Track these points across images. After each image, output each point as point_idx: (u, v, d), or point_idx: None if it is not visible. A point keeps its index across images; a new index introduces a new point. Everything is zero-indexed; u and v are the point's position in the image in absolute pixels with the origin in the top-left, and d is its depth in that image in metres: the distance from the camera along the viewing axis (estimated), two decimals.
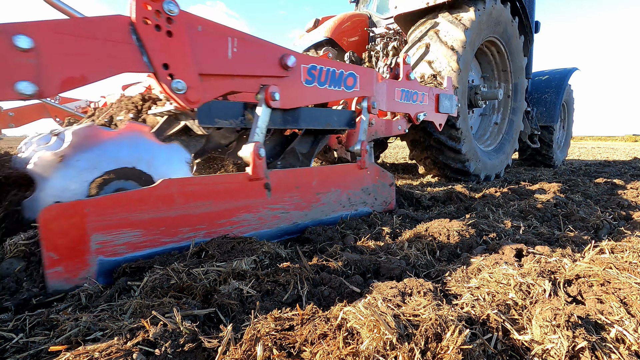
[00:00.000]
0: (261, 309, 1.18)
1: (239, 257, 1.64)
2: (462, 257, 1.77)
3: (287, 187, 1.98)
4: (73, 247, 1.32)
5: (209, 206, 1.67)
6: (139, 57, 1.49)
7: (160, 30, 1.51)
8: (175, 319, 1.04)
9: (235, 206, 1.76)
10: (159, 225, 1.54)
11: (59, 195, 1.60)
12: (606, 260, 1.46)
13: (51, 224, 1.28)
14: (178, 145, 1.93)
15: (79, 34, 1.32)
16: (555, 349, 0.96)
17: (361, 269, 1.60)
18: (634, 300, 1.18)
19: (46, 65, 1.26)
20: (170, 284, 1.31)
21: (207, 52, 1.68)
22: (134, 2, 1.44)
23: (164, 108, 1.89)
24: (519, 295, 1.23)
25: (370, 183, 2.49)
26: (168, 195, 1.54)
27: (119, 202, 1.43)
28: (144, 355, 0.92)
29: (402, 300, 1.18)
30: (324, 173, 2.18)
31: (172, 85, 1.57)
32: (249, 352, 0.93)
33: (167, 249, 1.58)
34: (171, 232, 1.59)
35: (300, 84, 2.08)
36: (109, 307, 1.22)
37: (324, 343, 0.95)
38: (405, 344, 0.90)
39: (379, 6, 5.72)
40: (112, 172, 1.71)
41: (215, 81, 1.74)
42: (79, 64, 1.34)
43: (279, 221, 1.96)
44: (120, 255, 1.46)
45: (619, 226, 2.41)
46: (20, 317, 1.17)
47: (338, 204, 2.29)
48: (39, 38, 1.23)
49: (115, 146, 1.73)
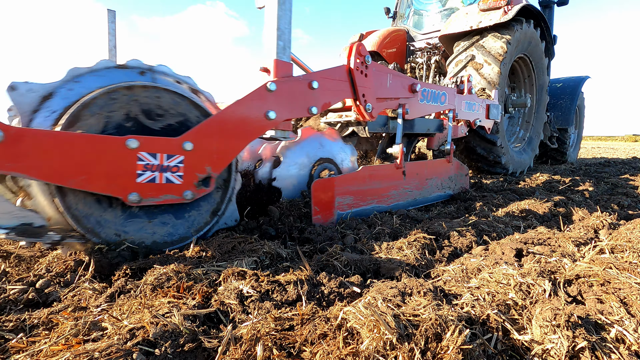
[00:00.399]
0: (261, 309, 1.18)
1: (240, 257, 1.64)
2: (462, 257, 1.77)
3: (412, 174, 2.87)
4: (326, 204, 2.23)
5: (379, 184, 2.59)
6: (351, 89, 2.40)
7: (362, 74, 2.43)
8: (175, 319, 1.04)
9: (389, 185, 2.68)
10: (359, 194, 2.44)
11: (295, 168, 2.60)
12: (606, 260, 1.46)
13: (317, 191, 2.16)
14: (352, 145, 3.02)
15: (329, 78, 2.28)
16: (555, 349, 0.96)
17: (361, 269, 1.60)
18: (634, 300, 1.18)
19: (320, 97, 2.22)
20: (171, 284, 1.31)
21: (379, 84, 2.61)
22: (352, 57, 2.35)
23: (342, 119, 2.78)
24: (519, 295, 1.23)
25: (454, 173, 3.35)
26: (363, 176, 2.46)
27: (345, 180, 2.34)
28: (144, 355, 0.92)
29: (402, 300, 1.18)
30: (430, 165, 3.07)
31: (365, 106, 2.47)
32: (249, 352, 0.93)
33: (360, 210, 2.45)
34: (364, 199, 2.48)
35: (418, 102, 3.00)
36: (109, 307, 1.22)
37: (324, 343, 0.95)
38: (405, 344, 0.90)
39: (415, 23, 6.56)
40: (321, 159, 2.78)
41: (381, 102, 2.68)
42: (330, 94, 2.29)
43: (407, 197, 2.84)
44: (344, 211, 2.33)
45: (619, 226, 2.41)
46: (21, 317, 1.18)
47: (436, 187, 3.15)
48: (319, 82, 2.18)
49: (323, 143, 2.81)
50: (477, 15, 4.88)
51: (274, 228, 2.10)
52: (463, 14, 5.09)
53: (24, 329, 1.13)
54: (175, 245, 1.77)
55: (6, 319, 1.16)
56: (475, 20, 4.83)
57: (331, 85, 2.28)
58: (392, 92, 2.73)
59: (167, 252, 1.67)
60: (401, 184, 2.75)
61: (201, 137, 1.72)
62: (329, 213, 2.23)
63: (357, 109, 2.48)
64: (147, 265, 1.54)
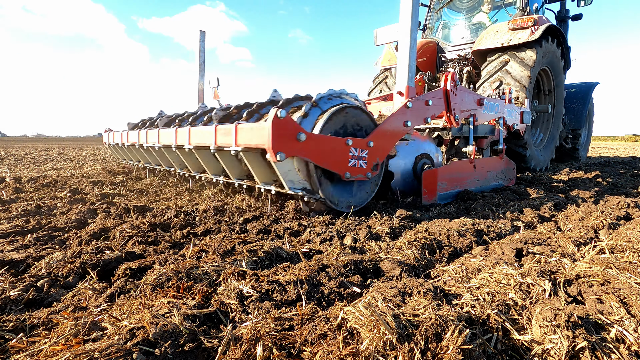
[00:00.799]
0: (261, 309, 1.18)
1: (240, 257, 1.64)
2: (462, 257, 1.77)
3: (479, 167, 3.70)
4: (432, 187, 3.11)
5: (460, 174, 3.48)
6: (445, 105, 3.30)
7: (453, 94, 3.33)
8: (175, 319, 1.04)
9: (466, 175, 3.55)
10: (450, 181, 3.31)
11: (403, 160, 3.42)
12: (606, 260, 1.46)
13: (426, 178, 3.11)
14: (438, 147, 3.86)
15: (435, 97, 3.19)
16: (555, 349, 0.96)
17: (361, 269, 1.60)
18: (634, 300, 1.18)
19: (432, 110, 3.13)
20: (171, 284, 1.31)
21: (462, 100, 3.52)
22: (448, 82, 3.26)
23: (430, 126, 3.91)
24: (519, 295, 1.23)
25: (505, 167, 4.13)
26: (453, 168, 3.46)
27: (443, 170, 3.25)
28: (144, 355, 0.92)
29: (402, 300, 1.18)
30: (489, 161, 3.95)
31: (455, 117, 3.39)
32: (249, 352, 0.93)
33: (449, 192, 3.32)
34: (452, 185, 3.35)
35: (482, 112, 3.87)
36: (109, 307, 1.22)
37: (324, 343, 0.95)
38: (405, 344, 0.90)
39: (444, 35, 7.30)
40: (421, 154, 3.56)
41: (462, 113, 3.59)
42: (436, 109, 3.20)
43: (475, 184, 3.67)
44: (442, 192, 3.18)
45: (619, 226, 2.41)
46: (21, 317, 1.18)
47: (492, 178, 3.96)
48: (432, 100, 3.11)
49: (422, 143, 3.63)
50: (507, 33, 5.49)
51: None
52: (494, 32, 5.70)
53: (24, 329, 1.13)
54: (361, 206, 2.84)
55: (6, 319, 1.16)
56: (506, 38, 5.47)
57: (437, 102, 3.22)
58: (468, 105, 3.67)
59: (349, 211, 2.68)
60: (473, 175, 3.62)
61: (376, 138, 2.68)
62: (433, 194, 3.14)
63: (448, 119, 3.42)
64: (147, 265, 1.54)
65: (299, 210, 2.71)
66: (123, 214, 2.76)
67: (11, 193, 3.64)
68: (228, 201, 3.21)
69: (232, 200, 3.28)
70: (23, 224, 2.38)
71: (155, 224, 2.38)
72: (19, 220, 2.48)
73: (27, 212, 2.81)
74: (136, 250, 1.83)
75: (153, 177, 4.80)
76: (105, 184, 4.40)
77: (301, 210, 2.69)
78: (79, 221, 2.50)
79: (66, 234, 2.21)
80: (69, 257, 1.67)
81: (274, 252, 1.73)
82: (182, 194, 3.71)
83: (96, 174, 5.40)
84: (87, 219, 2.59)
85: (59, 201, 3.26)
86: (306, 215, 2.66)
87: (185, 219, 2.52)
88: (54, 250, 1.88)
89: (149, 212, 2.82)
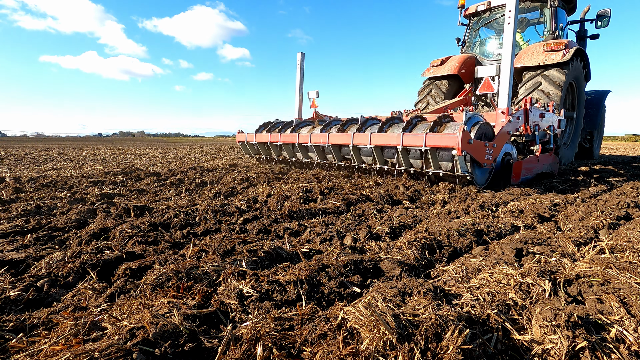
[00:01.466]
0: (261, 309, 1.18)
1: (240, 257, 1.64)
2: (462, 257, 1.77)
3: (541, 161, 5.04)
4: (518, 173, 4.48)
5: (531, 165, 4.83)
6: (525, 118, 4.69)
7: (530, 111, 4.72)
8: (175, 319, 1.04)
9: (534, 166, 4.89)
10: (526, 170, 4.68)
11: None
12: (606, 260, 1.46)
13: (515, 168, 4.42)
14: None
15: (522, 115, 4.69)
16: (555, 349, 0.96)
17: (361, 269, 1.60)
18: (634, 300, 1.18)
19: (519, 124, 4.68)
20: (171, 284, 1.31)
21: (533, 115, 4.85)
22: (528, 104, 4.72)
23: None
24: (519, 295, 1.23)
25: (553, 161, 5.49)
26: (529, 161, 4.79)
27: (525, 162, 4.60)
28: (144, 355, 0.92)
29: (402, 300, 1.17)
30: (545, 157, 5.18)
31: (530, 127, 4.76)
32: (249, 352, 0.93)
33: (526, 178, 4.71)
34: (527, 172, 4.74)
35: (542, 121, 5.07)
36: (109, 307, 1.22)
37: (324, 343, 0.95)
38: (405, 343, 0.90)
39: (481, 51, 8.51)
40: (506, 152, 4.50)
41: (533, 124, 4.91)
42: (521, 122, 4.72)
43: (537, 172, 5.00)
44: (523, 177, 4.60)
45: (619, 226, 2.41)
46: (21, 317, 1.18)
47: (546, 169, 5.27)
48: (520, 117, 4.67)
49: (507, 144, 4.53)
50: (542, 54, 6.70)
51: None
52: (530, 52, 6.89)
53: (24, 329, 1.13)
54: (484, 185, 4.18)
55: (6, 319, 1.16)
56: (541, 58, 6.68)
57: (521, 118, 4.61)
58: (536, 118, 4.92)
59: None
60: (536, 166, 5.01)
61: (496, 141, 4.03)
62: (518, 178, 4.49)
63: (525, 128, 4.72)
64: (147, 265, 1.54)
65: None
66: (123, 214, 2.76)
67: (11, 193, 3.64)
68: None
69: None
70: (23, 224, 2.38)
71: (155, 223, 2.38)
72: (19, 220, 2.48)
73: (27, 212, 2.81)
74: (136, 250, 1.83)
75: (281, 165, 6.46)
76: (105, 184, 4.40)
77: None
78: (79, 221, 2.50)
79: (66, 234, 2.21)
80: (69, 257, 1.67)
81: (274, 252, 1.73)
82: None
83: (96, 174, 5.41)
84: (87, 219, 2.59)
85: (59, 201, 3.26)
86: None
87: (185, 219, 2.52)
88: (54, 250, 1.88)
89: (148, 212, 2.82)
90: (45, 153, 11.60)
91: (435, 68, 8.34)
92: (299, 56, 6.89)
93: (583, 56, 7.45)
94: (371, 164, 4.90)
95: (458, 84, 8.25)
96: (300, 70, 6.93)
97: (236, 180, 4.67)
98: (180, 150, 15.41)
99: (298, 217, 2.65)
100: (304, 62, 7.00)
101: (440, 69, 8.15)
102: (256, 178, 4.89)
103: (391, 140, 4.35)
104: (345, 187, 3.96)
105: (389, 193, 3.58)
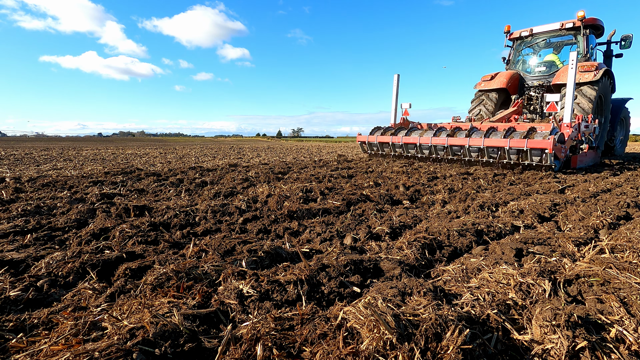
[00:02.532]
0: (261, 309, 1.18)
1: (240, 257, 1.64)
2: (462, 257, 1.77)
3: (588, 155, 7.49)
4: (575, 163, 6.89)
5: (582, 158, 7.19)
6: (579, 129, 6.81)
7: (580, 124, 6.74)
8: (175, 319, 1.04)
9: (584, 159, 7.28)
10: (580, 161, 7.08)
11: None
12: (606, 260, 1.46)
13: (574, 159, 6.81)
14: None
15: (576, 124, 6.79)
16: (555, 349, 0.96)
17: (361, 269, 1.60)
18: (634, 300, 1.18)
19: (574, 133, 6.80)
20: (171, 284, 1.31)
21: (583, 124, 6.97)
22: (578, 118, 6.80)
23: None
24: (519, 295, 1.23)
25: (595, 156, 7.86)
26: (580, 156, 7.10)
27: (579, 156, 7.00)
28: (144, 355, 0.92)
29: (402, 300, 1.17)
30: (590, 152, 7.50)
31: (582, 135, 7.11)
32: (248, 352, 0.93)
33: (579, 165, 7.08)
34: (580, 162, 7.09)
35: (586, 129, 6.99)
36: (109, 307, 1.22)
37: (324, 343, 0.95)
38: (405, 343, 0.90)
39: (524, 68, 10.32)
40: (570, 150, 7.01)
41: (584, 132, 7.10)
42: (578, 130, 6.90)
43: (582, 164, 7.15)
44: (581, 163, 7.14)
45: (619, 226, 2.41)
46: (21, 317, 1.18)
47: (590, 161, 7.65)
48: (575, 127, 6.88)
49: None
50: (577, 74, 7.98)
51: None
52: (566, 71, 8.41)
53: (24, 329, 1.13)
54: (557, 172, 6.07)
55: (6, 319, 1.16)
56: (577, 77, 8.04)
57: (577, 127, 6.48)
58: (583, 127, 6.64)
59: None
60: (585, 159, 7.06)
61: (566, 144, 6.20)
62: (575, 166, 6.63)
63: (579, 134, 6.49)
64: (147, 265, 1.54)
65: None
66: (123, 214, 2.76)
67: (11, 193, 3.64)
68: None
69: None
70: (23, 224, 2.38)
71: (155, 223, 2.38)
72: (19, 220, 2.48)
73: (27, 212, 2.81)
74: (136, 250, 1.83)
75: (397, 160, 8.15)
76: (105, 184, 4.40)
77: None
78: (79, 221, 2.50)
79: (66, 234, 2.21)
80: (69, 257, 1.67)
81: (274, 252, 1.73)
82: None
83: (96, 174, 5.41)
84: (87, 218, 2.59)
85: (59, 201, 3.26)
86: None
87: (185, 219, 2.52)
88: (54, 250, 1.88)
89: (148, 212, 2.82)
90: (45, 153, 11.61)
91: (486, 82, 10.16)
92: (396, 77, 9.29)
93: (610, 75, 9.25)
94: (477, 158, 6.87)
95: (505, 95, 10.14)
96: (396, 89, 9.27)
97: (236, 180, 4.68)
98: (180, 150, 15.41)
99: (298, 217, 2.65)
100: (399, 82, 9.33)
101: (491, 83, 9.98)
102: (256, 178, 4.90)
103: (501, 142, 6.36)
104: (345, 187, 3.97)
105: (389, 193, 3.58)
